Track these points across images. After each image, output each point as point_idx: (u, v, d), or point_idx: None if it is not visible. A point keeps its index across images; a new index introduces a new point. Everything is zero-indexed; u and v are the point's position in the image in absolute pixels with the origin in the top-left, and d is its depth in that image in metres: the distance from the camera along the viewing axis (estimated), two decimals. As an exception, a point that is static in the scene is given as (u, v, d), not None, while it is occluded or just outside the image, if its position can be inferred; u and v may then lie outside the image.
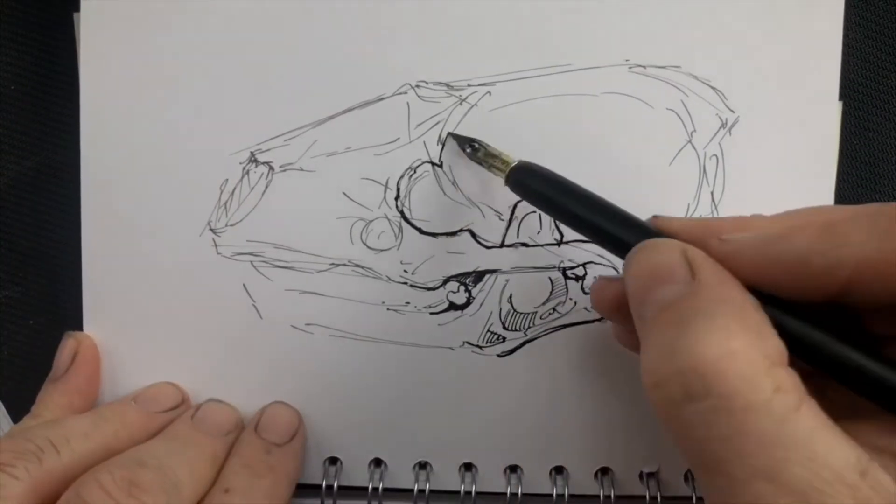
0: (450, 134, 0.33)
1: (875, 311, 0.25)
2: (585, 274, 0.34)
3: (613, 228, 0.27)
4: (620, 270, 0.33)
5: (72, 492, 0.27)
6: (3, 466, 0.27)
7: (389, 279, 0.34)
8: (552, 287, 0.34)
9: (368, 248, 0.34)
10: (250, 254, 0.34)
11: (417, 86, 0.33)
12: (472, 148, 0.32)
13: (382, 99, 0.33)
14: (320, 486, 0.34)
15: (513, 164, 0.31)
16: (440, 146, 0.33)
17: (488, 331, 0.34)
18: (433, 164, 0.33)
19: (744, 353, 0.21)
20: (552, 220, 0.34)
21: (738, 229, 0.25)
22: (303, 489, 0.34)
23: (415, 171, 0.33)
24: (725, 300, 0.23)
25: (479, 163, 0.32)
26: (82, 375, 0.33)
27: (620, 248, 0.27)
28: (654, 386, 0.22)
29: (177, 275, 0.34)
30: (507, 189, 0.33)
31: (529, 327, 0.34)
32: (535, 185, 0.30)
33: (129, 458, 0.29)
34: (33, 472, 0.28)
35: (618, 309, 0.28)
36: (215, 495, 0.30)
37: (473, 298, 0.34)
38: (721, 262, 0.24)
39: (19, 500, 0.27)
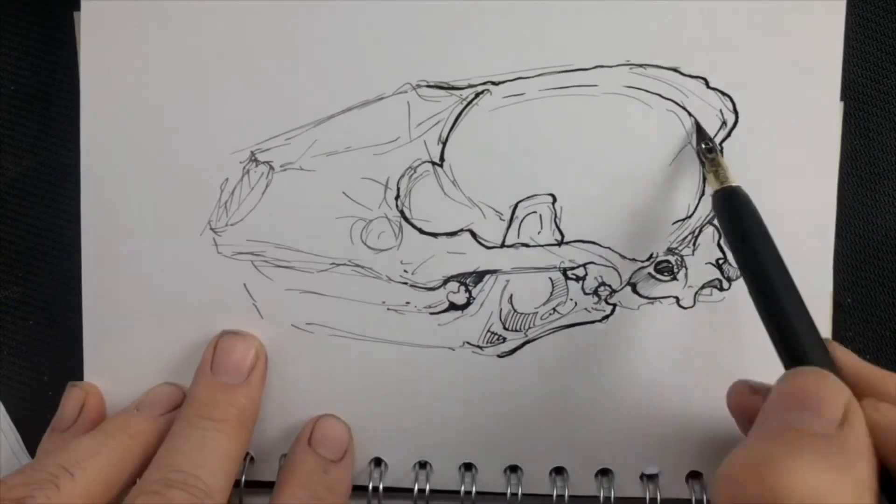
0: (697, 123, 0.33)
1: None
2: (586, 274, 0.34)
3: (794, 320, 0.26)
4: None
5: None
6: (23, 500, 0.26)
7: (389, 279, 0.34)
8: (552, 287, 0.34)
9: (368, 247, 0.34)
10: (251, 253, 0.34)
11: (417, 85, 0.33)
12: (706, 146, 0.33)
13: (382, 98, 0.33)
14: (320, 486, 0.34)
15: (729, 184, 0.31)
16: (441, 145, 0.33)
17: (488, 331, 0.34)
18: (433, 163, 0.33)
19: None
20: (553, 219, 0.34)
21: None
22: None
23: (415, 171, 0.33)
24: (852, 468, 0.22)
25: (702, 161, 0.33)
26: (89, 429, 0.33)
27: (787, 343, 0.26)
28: (728, 479, 0.22)
29: (177, 274, 0.34)
30: (507, 189, 0.33)
31: (530, 328, 0.34)
32: (734, 213, 0.30)
33: (151, 479, 0.29)
34: (53, 499, 0.27)
35: (745, 416, 0.30)
36: None
37: (473, 298, 0.34)
38: (868, 425, 0.24)
39: None
